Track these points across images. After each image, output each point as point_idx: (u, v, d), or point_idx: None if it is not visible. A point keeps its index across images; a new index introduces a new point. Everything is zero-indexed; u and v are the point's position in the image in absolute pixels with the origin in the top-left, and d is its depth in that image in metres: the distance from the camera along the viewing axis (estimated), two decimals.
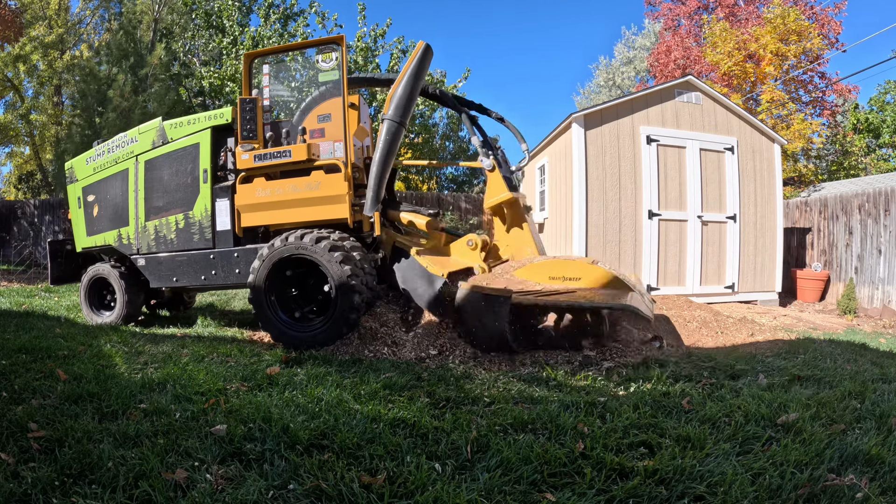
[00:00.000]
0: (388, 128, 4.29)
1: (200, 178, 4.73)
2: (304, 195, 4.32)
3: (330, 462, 1.90)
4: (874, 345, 5.10)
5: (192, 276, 4.84)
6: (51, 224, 13.68)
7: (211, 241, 4.72)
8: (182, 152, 4.86)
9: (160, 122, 5.03)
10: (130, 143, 5.18)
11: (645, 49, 27.17)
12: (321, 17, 12.59)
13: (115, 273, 5.26)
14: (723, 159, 8.48)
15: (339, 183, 4.24)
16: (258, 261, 4.26)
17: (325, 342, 4.08)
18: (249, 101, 4.40)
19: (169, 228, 4.93)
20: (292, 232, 4.25)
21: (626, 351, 4.00)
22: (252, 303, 4.32)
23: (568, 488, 1.80)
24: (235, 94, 11.69)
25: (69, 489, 1.67)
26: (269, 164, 4.39)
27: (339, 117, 4.46)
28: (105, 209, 5.38)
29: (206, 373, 3.01)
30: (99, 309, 5.50)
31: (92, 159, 5.50)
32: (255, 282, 4.25)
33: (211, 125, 4.75)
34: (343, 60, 4.40)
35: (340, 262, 4.02)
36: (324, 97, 4.63)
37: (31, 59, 16.21)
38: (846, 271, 8.96)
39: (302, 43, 4.75)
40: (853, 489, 1.76)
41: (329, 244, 4.08)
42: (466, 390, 2.89)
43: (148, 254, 5.07)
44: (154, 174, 5.01)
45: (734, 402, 2.66)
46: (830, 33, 15.34)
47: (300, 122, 4.63)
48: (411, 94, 4.31)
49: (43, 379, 2.70)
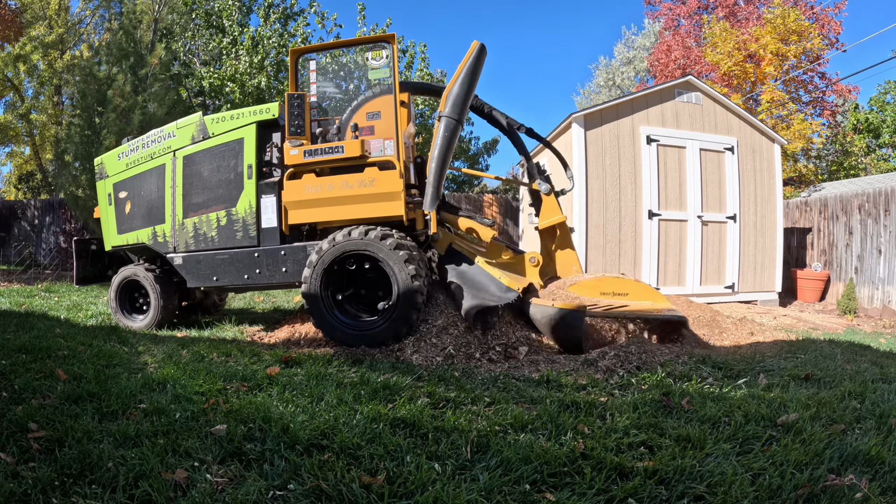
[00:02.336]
0: (446, 125, 4.29)
1: (245, 174, 4.61)
2: (357, 192, 4.26)
3: (330, 462, 1.91)
4: (874, 345, 5.10)
5: (233, 275, 4.70)
6: (51, 224, 13.68)
7: (255, 239, 4.60)
8: (224, 147, 4.73)
9: (200, 117, 4.90)
10: (168, 138, 5.03)
11: (645, 49, 27.16)
12: (321, 17, 12.60)
13: (149, 275, 5.08)
14: (723, 159, 8.48)
15: (394, 180, 4.21)
16: (316, 255, 4.17)
17: (384, 342, 4.03)
18: (297, 97, 4.31)
19: (209, 225, 4.78)
20: (354, 227, 4.17)
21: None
22: (307, 298, 4.21)
23: (568, 488, 1.80)
24: (235, 94, 11.69)
25: (69, 489, 1.67)
26: (319, 160, 4.31)
27: (389, 115, 4.45)
28: (138, 206, 5.20)
29: (206, 373, 3.01)
30: (131, 313, 5.32)
31: (124, 155, 5.33)
32: (311, 277, 4.16)
33: (256, 120, 4.63)
34: (394, 58, 4.39)
35: (405, 261, 4.00)
36: (374, 95, 4.62)
37: (31, 59, 16.21)
38: (846, 271, 8.96)
39: (351, 40, 4.73)
40: (853, 489, 1.76)
41: (395, 242, 4.04)
42: (466, 390, 2.89)
43: (186, 252, 4.90)
44: (193, 170, 4.85)
45: (734, 402, 2.66)
46: (830, 33, 15.34)
47: (349, 120, 4.60)
48: (468, 91, 4.32)
49: (43, 379, 2.70)
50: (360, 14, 12.63)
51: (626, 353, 3.88)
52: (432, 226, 4.28)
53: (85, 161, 10.96)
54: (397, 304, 4.02)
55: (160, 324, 5.11)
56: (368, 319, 4.24)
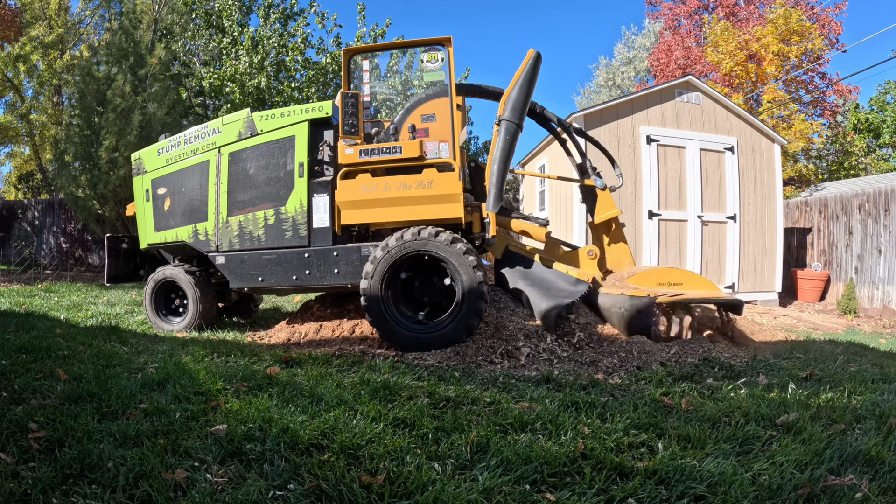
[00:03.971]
0: (507, 128, 4.34)
1: (296, 172, 4.51)
2: (415, 193, 4.22)
3: (330, 462, 1.90)
4: (874, 345, 5.10)
5: (281, 275, 4.56)
6: (51, 225, 13.69)
7: (306, 239, 4.49)
8: (274, 145, 4.62)
9: (248, 113, 4.80)
10: (212, 134, 4.91)
11: (645, 49, 27.15)
12: (321, 17, 12.57)
13: (188, 276, 4.93)
14: (723, 159, 8.48)
15: (453, 182, 4.20)
16: (381, 251, 4.10)
17: (442, 345, 4.01)
18: (351, 96, 4.26)
19: (256, 224, 4.65)
20: (423, 228, 4.11)
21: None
22: (366, 299, 4.13)
23: (568, 488, 1.80)
24: (235, 95, 11.67)
25: (69, 489, 1.67)
26: (376, 160, 4.28)
27: (445, 117, 4.44)
28: (178, 203, 5.04)
29: (206, 373, 3.01)
30: (166, 315, 5.17)
31: (165, 150, 5.19)
32: (371, 277, 4.10)
33: (308, 118, 4.55)
34: (450, 61, 4.40)
35: (474, 266, 3.98)
36: (429, 97, 4.62)
37: (31, 59, 16.22)
38: (846, 271, 8.96)
39: (405, 42, 4.68)
40: (853, 489, 1.76)
41: (465, 247, 4.01)
42: (466, 390, 2.89)
43: (229, 251, 4.76)
44: (239, 167, 4.74)
45: (734, 402, 2.66)
46: (831, 33, 15.35)
47: (402, 121, 4.59)
48: (526, 96, 4.39)
49: (43, 379, 2.70)
50: (361, 14, 12.62)
51: (627, 354, 3.88)
52: (491, 228, 4.29)
53: (85, 161, 10.97)
54: (462, 305, 4.00)
55: (198, 327, 4.97)
56: (435, 321, 4.17)
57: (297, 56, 11.99)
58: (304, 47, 12.13)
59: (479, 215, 4.56)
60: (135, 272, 5.59)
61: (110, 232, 11.52)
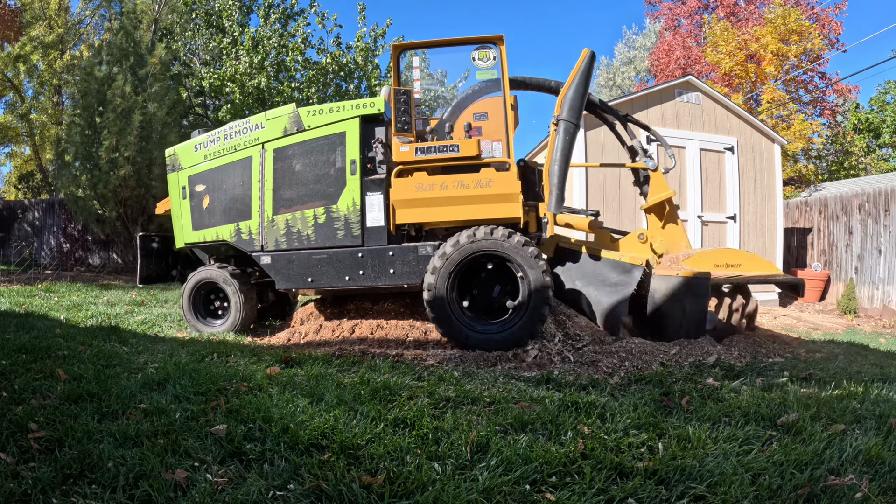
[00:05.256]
0: (566, 128, 4.35)
1: (347, 170, 4.40)
2: (473, 192, 4.18)
3: (330, 462, 1.90)
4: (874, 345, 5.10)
5: (332, 276, 4.45)
6: (51, 225, 13.69)
7: (359, 238, 4.40)
8: (323, 141, 4.51)
9: (294, 108, 4.68)
10: (255, 130, 4.78)
11: (645, 49, 27.16)
12: (321, 17, 12.59)
13: (230, 277, 4.82)
14: (723, 159, 8.48)
15: (512, 181, 4.18)
16: (451, 248, 4.07)
17: (506, 346, 4.01)
18: (404, 93, 4.18)
19: (305, 223, 4.53)
20: (495, 228, 4.09)
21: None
22: (431, 298, 4.09)
23: (568, 488, 1.80)
24: (235, 95, 11.67)
25: (69, 489, 1.67)
26: (432, 159, 4.23)
27: (498, 116, 4.42)
28: (219, 200, 4.88)
29: (206, 373, 3.01)
30: (205, 317, 5.04)
31: (202, 146, 5.03)
32: (439, 274, 4.06)
33: (359, 114, 4.44)
34: (503, 59, 4.38)
35: (544, 270, 3.98)
36: (478, 95, 4.59)
37: (31, 59, 16.23)
38: (846, 271, 8.96)
39: (456, 39, 4.62)
40: (853, 489, 1.76)
41: (535, 250, 4.01)
42: (466, 390, 2.89)
43: (275, 251, 4.62)
44: (286, 163, 4.61)
45: (734, 402, 2.66)
46: (831, 33, 15.34)
47: (452, 119, 4.55)
48: (583, 95, 4.40)
49: (43, 379, 2.70)
50: (361, 14, 12.63)
51: (627, 354, 3.89)
52: (550, 228, 4.27)
53: (85, 161, 10.97)
54: (529, 303, 4.01)
55: (240, 329, 4.86)
56: (501, 320, 4.15)
57: (298, 56, 11.99)
58: (304, 47, 12.14)
59: (534, 215, 4.55)
60: (167, 272, 5.45)
61: (110, 232, 11.52)
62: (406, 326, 4.68)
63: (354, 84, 12.68)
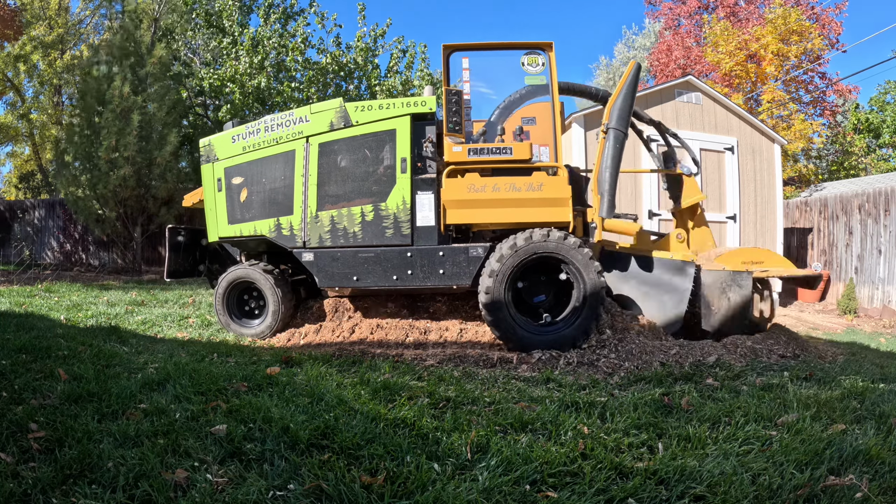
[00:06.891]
0: (615, 136, 4.44)
1: (397, 168, 4.35)
2: (525, 195, 4.22)
3: (330, 462, 1.90)
4: (874, 345, 5.10)
5: (380, 275, 4.37)
6: (52, 225, 13.69)
7: (409, 238, 4.33)
8: (372, 138, 4.43)
9: (341, 103, 4.57)
10: (298, 123, 4.64)
11: (645, 49, 27.14)
12: (321, 17, 12.58)
13: (267, 275, 4.70)
14: (723, 159, 8.48)
15: (563, 185, 4.24)
16: (509, 249, 4.09)
17: (559, 347, 4.05)
18: (455, 93, 4.16)
19: (351, 220, 4.44)
20: (551, 230, 4.14)
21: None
22: (489, 301, 4.08)
23: (568, 488, 1.80)
24: (235, 95, 11.67)
25: (69, 489, 1.67)
26: (485, 160, 4.25)
27: (547, 121, 4.48)
28: (258, 194, 4.74)
29: (206, 373, 3.01)
30: (240, 317, 4.90)
31: (240, 137, 4.87)
32: (497, 276, 4.07)
33: (410, 112, 4.38)
34: (552, 65, 4.44)
35: (599, 272, 4.05)
36: (525, 99, 4.63)
37: (32, 59, 16.22)
38: (846, 271, 8.96)
39: (506, 43, 4.56)
40: (853, 489, 1.76)
41: (590, 251, 4.08)
42: (466, 390, 2.89)
43: (319, 248, 4.51)
44: (331, 159, 4.51)
45: (734, 402, 2.66)
46: (831, 33, 15.33)
47: (499, 122, 4.59)
48: (630, 105, 4.51)
49: (43, 379, 2.70)
50: (361, 14, 12.63)
51: (627, 353, 3.89)
52: (598, 233, 4.33)
53: (85, 161, 10.97)
54: (583, 309, 4.09)
55: (280, 329, 4.74)
56: (559, 319, 4.23)
57: (298, 56, 11.99)
58: (304, 47, 12.14)
59: (581, 220, 4.62)
60: (194, 267, 5.32)
61: (110, 232, 11.51)
62: (406, 326, 4.68)
63: (354, 84, 12.67)
